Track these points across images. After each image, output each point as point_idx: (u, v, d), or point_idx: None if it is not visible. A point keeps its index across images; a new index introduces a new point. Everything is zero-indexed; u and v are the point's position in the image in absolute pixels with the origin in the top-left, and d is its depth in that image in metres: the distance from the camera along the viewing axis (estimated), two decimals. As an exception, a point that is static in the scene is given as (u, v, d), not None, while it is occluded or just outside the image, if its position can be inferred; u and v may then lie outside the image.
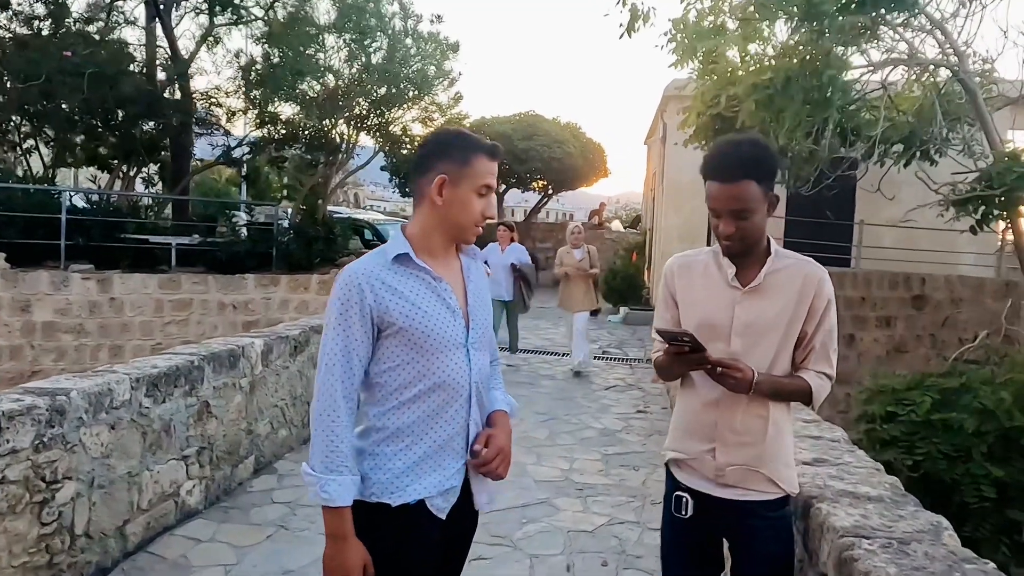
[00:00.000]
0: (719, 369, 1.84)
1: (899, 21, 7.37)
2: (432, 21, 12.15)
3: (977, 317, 10.34)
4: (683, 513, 2.01)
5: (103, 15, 12.51)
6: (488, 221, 1.79)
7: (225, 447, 4.39)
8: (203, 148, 14.35)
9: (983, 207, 7.36)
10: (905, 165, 9.07)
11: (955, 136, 8.83)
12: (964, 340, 10.15)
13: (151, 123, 12.20)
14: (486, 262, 7.56)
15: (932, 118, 8.32)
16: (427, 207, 1.75)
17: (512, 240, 8.56)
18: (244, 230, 11.50)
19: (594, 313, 8.68)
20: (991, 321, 9.80)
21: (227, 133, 13.38)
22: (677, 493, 2.03)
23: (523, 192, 22.32)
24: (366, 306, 1.66)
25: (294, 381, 5.31)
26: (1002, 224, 7.64)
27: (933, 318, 10.60)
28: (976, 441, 5.30)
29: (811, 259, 1.98)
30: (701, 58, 7.76)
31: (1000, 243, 11.02)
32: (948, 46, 7.54)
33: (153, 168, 13.68)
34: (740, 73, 7.62)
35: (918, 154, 9.04)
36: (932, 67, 8.00)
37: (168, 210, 12.83)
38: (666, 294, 2.10)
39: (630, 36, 7.64)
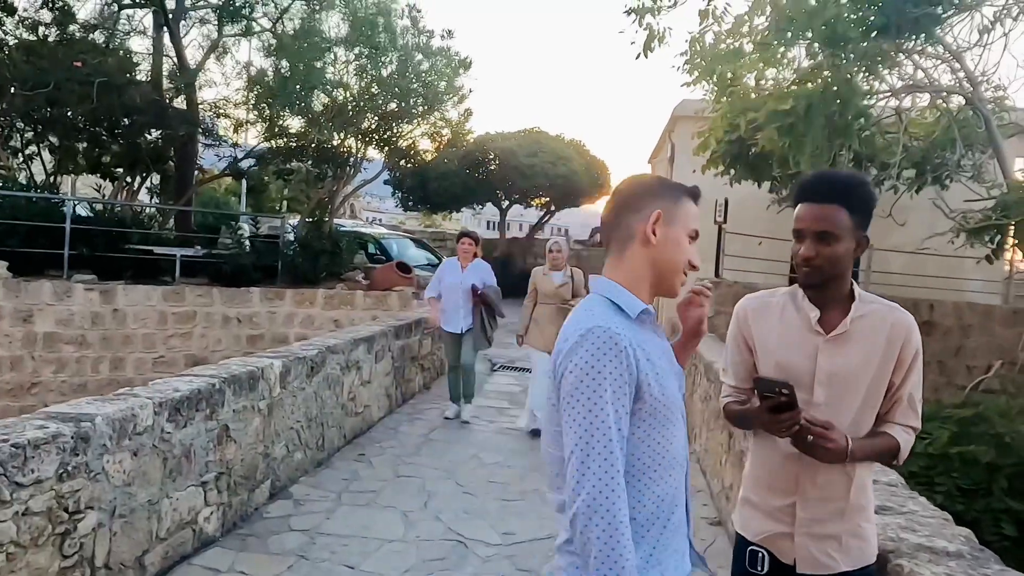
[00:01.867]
0: (809, 437, 1.75)
1: (917, 49, 7.38)
2: (443, 37, 12.13)
3: (986, 344, 10.30)
4: (759, 569, 1.91)
5: (110, 23, 12.43)
6: (692, 271, 1.59)
7: (243, 472, 4.28)
8: (208, 158, 14.26)
9: (998, 236, 7.34)
10: (918, 191, 9.07)
11: (967, 162, 8.84)
12: (972, 367, 10.12)
13: (157, 133, 12.09)
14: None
15: (945, 144, 8.33)
16: (637, 248, 1.53)
17: (476, 255, 6.94)
18: (248, 242, 11.37)
19: None
20: (999, 348, 9.77)
21: (234, 144, 13.28)
22: (752, 548, 1.94)
23: (524, 208, 22.27)
24: (633, 377, 1.41)
25: (310, 403, 5.20)
26: (1018, 253, 7.62)
27: (942, 345, 10.55)
28: (995, 475, 5.24)
29: (897, 304, 1.90)
30: (717, 81, 7.74)
31: (1009, 271, 11.01)
32: (963, 74, 7.55)
33: (157, 178, 13.56)
34: (754, 96, 7.59)
35: (929, 179, 9.05)
36: (946, 94, 8.00)
37: (172, 221, 12.70)
38: (739, 337, 2.02)
39: (646, 56, 7.61)
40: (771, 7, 7.12)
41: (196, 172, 13.56)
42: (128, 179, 12.73)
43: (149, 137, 12.09)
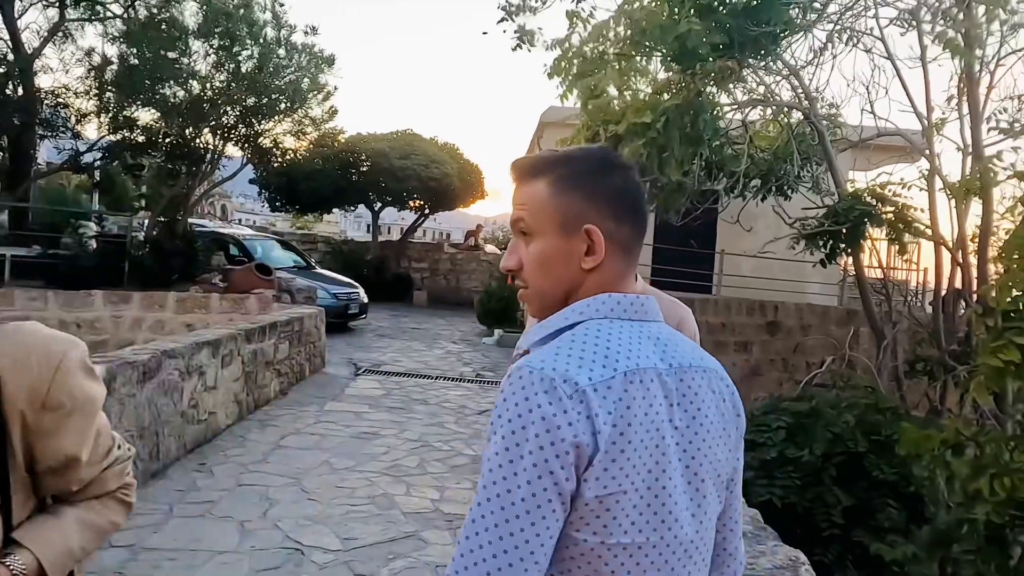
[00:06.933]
0: None
1: (760, 65, 7.86)
2: (306, 33, 11.78)
3: (823, 342, 11.13)
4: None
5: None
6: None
7: (56, 486, 3.93)
8: (49, 152, 13.18)
9: (831, 241, 7.94)
10: (763, 199, 9.68)
11: (806, 174, 9.55)
12: (811, 364, 10.91)
13: (-14, 122, 11.06)
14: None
15: (787, 156, 8.93)
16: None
17: None
18: (93, 242, 10.59)
19: None
20: (833, 346, 10.60)
21: (77, 136, 12.31)
22: None
23: (399, 211, 22.04)
24: None
25: (142, 411, 4.87)
26: (846, 257, 8.25)
27: (785, 343, 11.31)
28: (825, 465, 5.62)
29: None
30: (581, 90, 7.94)
31: (842, 274, 11.94)
32: (801, 91, 8.11)
33: (-12, 171, 12.39)
34: (616, 104, 7.84)
35: (774, 189, 9.69)
36: (787, 109, 8.58)
37: (4, 217, 11.65)
38: None
39: (518, 49, 7.79)
40: (627, 19, 7.38)
41: (34, 166, 12.50)
42: (-48, 172, 11.57)
43: (-23, 126, 11.05)
